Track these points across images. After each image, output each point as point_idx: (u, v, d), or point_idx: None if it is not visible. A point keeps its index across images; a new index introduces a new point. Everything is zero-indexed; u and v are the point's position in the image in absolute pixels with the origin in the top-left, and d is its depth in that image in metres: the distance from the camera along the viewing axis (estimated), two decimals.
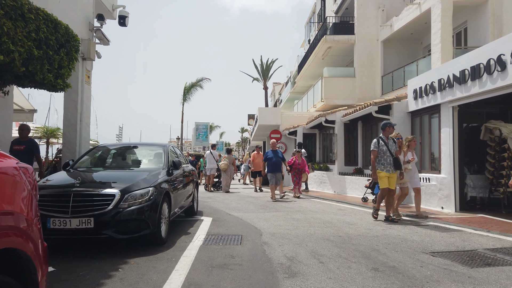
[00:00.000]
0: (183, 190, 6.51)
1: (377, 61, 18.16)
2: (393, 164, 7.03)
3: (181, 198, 6.40)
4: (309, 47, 25.10)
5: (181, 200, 6.46)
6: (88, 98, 7.57)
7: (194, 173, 7.96)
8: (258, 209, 8.99)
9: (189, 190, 7.17)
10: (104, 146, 6.89)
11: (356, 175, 12.35)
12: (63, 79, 4.65)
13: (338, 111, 13.53)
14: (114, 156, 6.64)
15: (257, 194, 13.49)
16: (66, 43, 4.65)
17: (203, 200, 10.81)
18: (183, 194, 6.54)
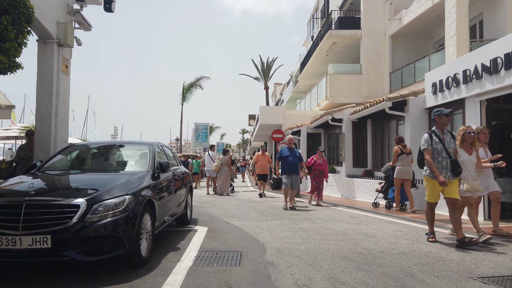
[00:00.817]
0: (172, 197, 5.55)
1: (384, 57, 17.20)
2: (450, 168, 5.16)
3: (170, 206, 5.44)
4: (312, 44, 24.16)
5: (170, 208, 5.49)
6: (66, 91, 6.61)
7: (187, 177, 7.00)
8: (261, 216, 8.02)
9: (181, 196, 6.20)
10: (84, 144, 5.93)
11: (365, 178, 11.38)
12: (8, 56, 3.68)
13: (346, 109, 12.57)
14: (93, 157, 5.67)
15: (259, 198, 12.51)
16: (12, 8, 3.65)
17: (199, 206, 9.84)
18: (172, 201, 5.57)
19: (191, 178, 7.29)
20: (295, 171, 9.40)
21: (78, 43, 6.88)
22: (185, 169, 7.27)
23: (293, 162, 9.35)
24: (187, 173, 7.01)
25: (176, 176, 6.00)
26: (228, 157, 14.85)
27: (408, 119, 9.47)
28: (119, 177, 4.48)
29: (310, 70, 23.26)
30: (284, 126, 17.73)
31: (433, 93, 8.88)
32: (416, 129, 9.35)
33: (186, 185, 6.73)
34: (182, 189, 6.30)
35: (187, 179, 6.90)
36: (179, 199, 6.08)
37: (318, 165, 10.17)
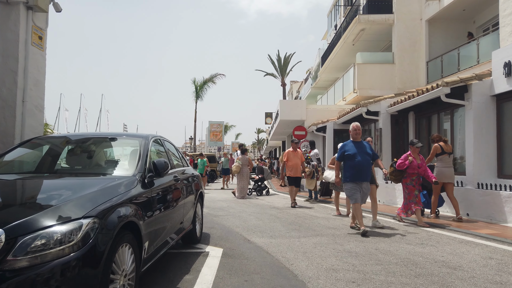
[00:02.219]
0: (174, 210, 3.95)
1: (420, 44, 15.29)
2: None
3: (169, 225, 3.83)
4: (334, 35, 22.34)
5: (170, 227, 3.89)
6: (40, 69, 5.08)
7: (197, 180, 5.40)
8: (289, 230, 6.35)
9: (188, 207, 4.60)
10: (52, 137, 4.39)
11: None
12: None
13: (383, 100, 10.78)
14: (68, 154, 4.10)
15: (283, 205, 10.83)
16: None
17: (212, 214, 8.24)
18: (174, 217, 3.97)
19: (201, 183, 5.66)
20: (366, 177, 6.24)
21: (57, 9, 5.35)
22: (194, 171, 5.66)
23: (363, 163, 6.16)
24: (196, 177, 5.39)
25: (180, 181, 4.39)
26: (248, 157, 13.32)
27: (470, 108, 7.64)
28: (87, 185, 2.89)
29: (333, 63, 21.46)
30: (307, 122, 16.01)
31: (507, 75, 7.04)
32: (481, 121, 7.53)
33: (195, 192, 5.12)
34: (189, 198, 4.70)
35: (196, 184, 5.29)
36: (185, 211, 4.48)
37: (417, 167, 7.02)
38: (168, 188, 3.87)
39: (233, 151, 51.79)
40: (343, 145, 6.49)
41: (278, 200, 11.89)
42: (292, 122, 16.75)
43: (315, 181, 10.76)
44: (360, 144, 6.36)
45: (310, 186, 10.89)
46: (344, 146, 6.42)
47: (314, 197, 11.38)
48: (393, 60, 15.71)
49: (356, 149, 6.23)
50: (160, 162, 3.54)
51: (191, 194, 4.90)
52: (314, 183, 10.77)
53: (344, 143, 6.52)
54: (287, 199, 11.98)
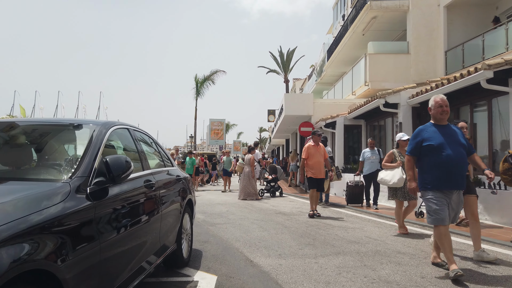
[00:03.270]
0: (141, 230, 2.71)
1: (438, 33, 14.00)
2: None
3: (137, 251, 2.60)
4: (341, 27, 21.05)
5: (144, 254, 2.68)
6: None
7: (185, 185, 4.17)
8: (301, 244, 5.12)
9: (167, 222, 3.36)
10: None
11: None
12: None
13: (404, 90, 9.50)
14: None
15: (290, 210, 9.59)
16: None
17: (209, 222, 7.01)
18: (144, 240, 2.73)
19: (190, 188, 4.43)
20: (459, 183, 3.82)
21: None
22: (181, 172, 4.43)
23: (456, 159, 3.77)
24: (183, 181, 4.16)
25: (158, 187, 3.15)
26: (251, 157, 12.12)
27: None
28: None
29: (340, 56, 20.19)
30: (314, 118, 14.75)
31: None
32: None
33: (182, 200, 3.88)
34: (171, 209, 3.47)
35: (184, 190, 4.06)
36: (165, 227, 3.25)
37: None
38: (134, 198, 2.64)
39: (234, 150, 50.57)
40: (420, 130, 4.06)
41: (284, 203, 10.65)
42: (297, 118, 15.49)
43: (328, 182, 9.52)
44: (449, 130, 3.95)
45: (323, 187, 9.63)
46: (422, 132, 4.00)
47: (325, 200, 10.13)
48: (408, 50, 14.43)
49: (443, 137, 3.83)
50: (117, 161, 2.30)
51: (175, 204, 3.66)
52: (328, 184, 9.53)
53: (420, 127, 4.12)
54: (294, 202, 10.74)
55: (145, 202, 2.82)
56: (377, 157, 8.76)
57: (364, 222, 7.22)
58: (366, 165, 8.83)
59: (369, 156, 8.81)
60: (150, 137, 3.84)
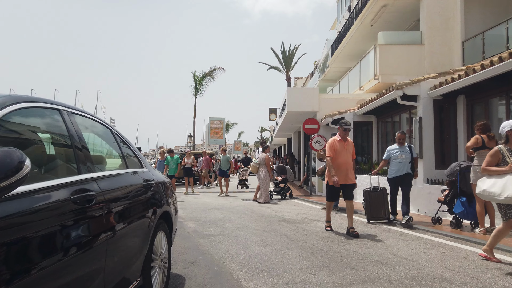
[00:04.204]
0: (62, 265, 1.59)
1: (454, 22, 12.87)
2: None
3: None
4: (347, 20, 19.94)
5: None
6: None
7: (157, 193, 3.06)
8: (313, 265, 4.01)
9: (122, 248, 2.26)
10: None
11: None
12: None
13: (424, 81, 8.38)
14: None
15: (295, 217, 8.48)
16: None
17: (201, 232, 5.90)
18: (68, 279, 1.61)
19: (168, 197, 3.31)
20: None
21: None
22: (157, 175, 3.32)
23: None
24: (156, 186, 3.05)
25: (102, 200, 2.03)
26: (266, 156, 11.04)
27: None
28: None
29: (345, 50, 19.07)
30: (320, 114, 13.62)
31: None
32: None
33: (152, 215, 2.77)
34: (131, 229, 2.37)
35: (157, 200, 2.95)
36: (116, 259, 2.14)
37: None
38: (45, 220, 1.53)
39: (235, 150, 49.43)
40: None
41: (288, 208, 9.54)
42: (302, 114, 14.37)
43: None
44: None
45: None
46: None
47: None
48: (422, 40, 13.30)
49: None
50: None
51: (140, 220, 2.55)
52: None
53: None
54: (299, 207, 9.63)
55: (72, 225, 1.72)
56: (407, 156, 6.87)
57: (384, 233, 6.10)
58: (393, 166, 6.96)
59: (397, 154, 6.92)
60: (107, 126, 2.74)
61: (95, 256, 1.89)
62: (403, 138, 7.04)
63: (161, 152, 13.43)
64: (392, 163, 7.02)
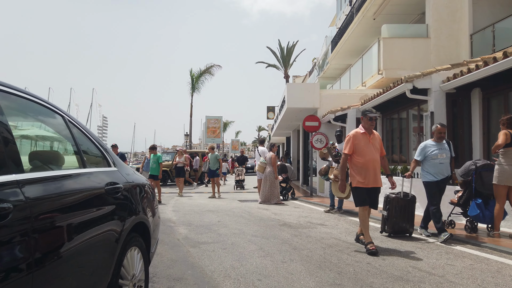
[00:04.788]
0: None
1: (462, 14, 12.27)
2: None
3: None
4: (347, 16, 19.31)
5: None
6: None
7: (130, 197, 2.39)
8: (322, 283, 3.37)
9: (66, 277, 1.59)
10: None
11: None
12: None
13: (436, 73, 7.75)
14: None
15: (296, 220, 7.83)
16: None
17: (193, 239, 5.24)
18: None
19: (144, 203, 2.65)
20: None
21: None
22: (132, 176, 2.66)
23: None
24: (126, 191, 2.39)
25: (24, 216, 1.37)
26: (273, 155, 10.40)
27: None
28: None
29: (346, 46, 18.47)
30: (321, 111, 12.98)
31: None
32: None
33: (118, 228, 2.11)
34: (85, 248, 1.71)
35: (125, 209, 2.29)
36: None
37: None
38: None
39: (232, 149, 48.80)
40: None
41: (288, 210, 8.89)
42: (302, 111, 13.73)
43: (349, 187, 7.74)
44: None
45: (340, 193, 7.87)
46: None
47: (338, 207, 8.38)
48: (428, 33, 12.69)
49: None
50: None
51: (100, 236, 1.90)
52: (349, 190, 7.75)
53: None
54: (300, 209, 8.97)
55: None
56: (447, 154, 5.49)
57: (396, 239, 5.46)
58: (430, 168, 5.45)
59: (436, 152, 5.42)
60: (58, 111, 2.06)
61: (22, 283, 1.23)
62: (444, 132, 5.49)
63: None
64: (428, 164, 5.49)
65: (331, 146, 8.24)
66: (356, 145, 4.84)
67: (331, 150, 8.06)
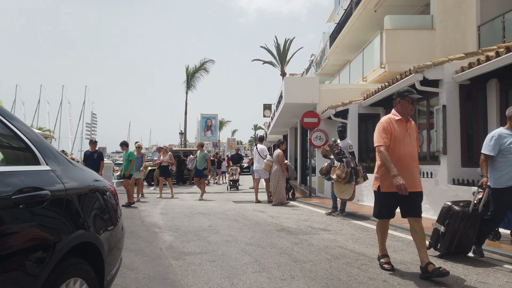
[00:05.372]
0: None
1: (469, 4, 11.61)
2: None
3: None
4: (347, 7, 18.63)
5: None
6: None
7: (61, 209, 1.67)
8: None
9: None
10: None
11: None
12: None
13: (448, 62, 7.07)
14: None
15: (293, 220, 7.14)
16: None
17: (177, 248, 4.53)
18: None
19: (88, 219, 1.92)
20: None
21: None
22: (82, 177, 1.94)
23: None
24: (70, 199, 1.68)
25: None
26: (281, 152, 9.71)
27: None
28: None
29: (345, 40, 17.79)
30: (320, 106, 12.28)
31: None
32: None
33: (39, 258, 1.39)
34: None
35: (58, 225, 1.57)
36: None
37: None
38: None
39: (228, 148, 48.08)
40: None
41: (286, 212, 8.19)
42: (300, 106, 13.03)
43: (353, 188, 7.07)
44: None
45: (345, 194, 7.19)
46: None
47: (340, 209, 7.69)
48: (433, 25, 12.05)
49: None
50: None
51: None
52: (352, 191, 7.07)
53: None
54: (298, 211, 8.28)
55: None
56: None
57: (411, 247, 4.78)
58: (504, 166, 4.07)
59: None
60: None
61: None
62: None
63: (137, 146, 11.55)
64: (499, 161, 4.12)
65: (332, 143, 7.55)
66: (390, 134, 3.67)
67: (333, 147, 7.38)
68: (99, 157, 9.60)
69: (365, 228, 6.22)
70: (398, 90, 3.81)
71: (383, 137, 3.66)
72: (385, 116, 3.84)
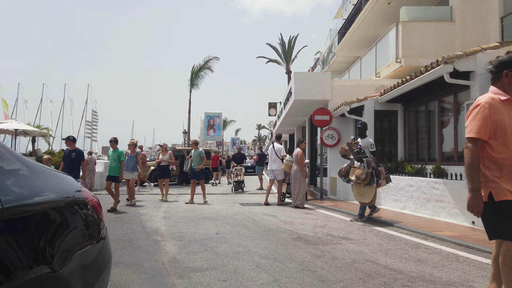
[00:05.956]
0: None
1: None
2: None
3: None
4: (357, 2, 17.94)
5: None
6: None
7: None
8: None
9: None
10: None
11: None
12: None
13: (481, 52, 6.38)
14: None
15: (309, 226, 6.48)
16: None
17: (181, 263, 3.88)
18: None
19: (50, 247, 1.28)
20: None
21: None
22: (42, 186, 1.28)
23: None
24: (38, 216, 1.02)
25: None
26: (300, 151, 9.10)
27: None
28: None
29: (355, 35, 17.11)
30: (332, 103, 11.60)
31: None
32: None
33: None
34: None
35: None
36: None
37: None
38: None
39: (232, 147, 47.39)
40: None
41: (299, 217, 7.52)
42: (310, 103, 12.35)
43: (374, 190, 6.41)
44: None
45: (365, 198, 6.52)
46: None
47: (359, 214, 7.01)
48: (452, 16, 11.35)
49: None
50: None
51: None
52: (373, 194, 6.41)
53: None
54: (312, 215, 7.61)
55: None
56: None
57: (450, 261, 4.10)
58: None
59: None
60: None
61: None
62: None
63: (130, 144, 10.08)
64: None
65: (352, 141, 6.88)
66: (496, 123, 2.46)
67: (353, 146, 6.72)
68: (78, 156, 8.35)
69: (391, 237, 5.55)
70: (502, 60, 2.65)
71: (477, 126, 2.46)
72: (484, 96, 2.58)
